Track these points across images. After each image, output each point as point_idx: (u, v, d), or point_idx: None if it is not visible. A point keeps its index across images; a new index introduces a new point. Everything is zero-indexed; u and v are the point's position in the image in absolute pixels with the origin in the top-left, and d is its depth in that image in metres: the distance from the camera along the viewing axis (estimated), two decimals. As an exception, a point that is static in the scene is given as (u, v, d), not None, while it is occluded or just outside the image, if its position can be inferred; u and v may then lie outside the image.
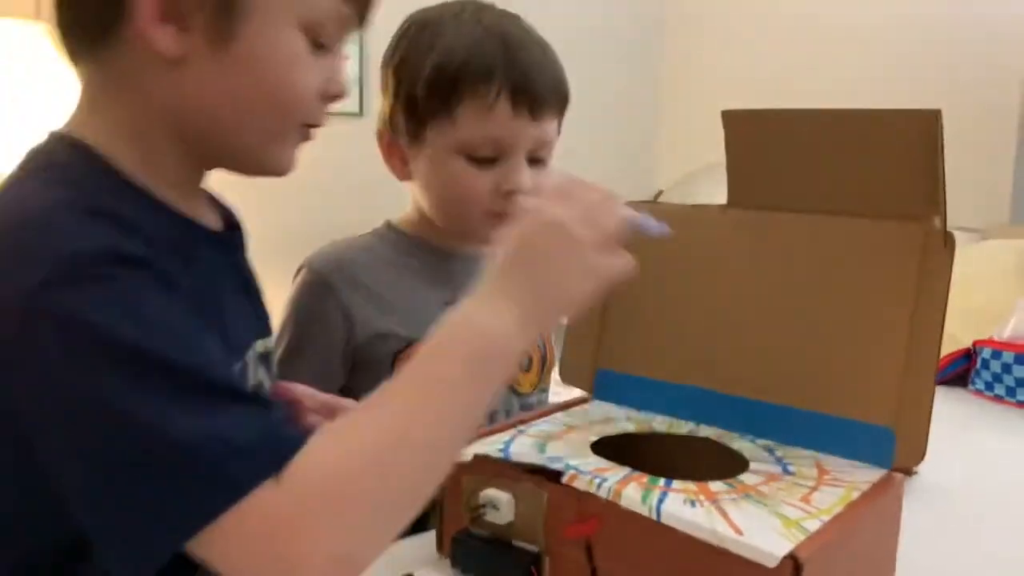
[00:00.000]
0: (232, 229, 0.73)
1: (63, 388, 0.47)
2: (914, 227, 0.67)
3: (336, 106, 0.68)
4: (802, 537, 0.51)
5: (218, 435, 0.47)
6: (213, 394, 0.49)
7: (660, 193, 3.10)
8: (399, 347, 0.91)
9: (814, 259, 0.72)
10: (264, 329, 0.72)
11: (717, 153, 0.77)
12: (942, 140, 0.63)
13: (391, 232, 1.00)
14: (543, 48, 0.92)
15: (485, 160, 0.89)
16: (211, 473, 0.46)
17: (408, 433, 0.51)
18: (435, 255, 0.98)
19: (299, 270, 0.95)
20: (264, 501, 0.46)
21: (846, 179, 0.70)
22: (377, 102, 0.97)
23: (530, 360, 1.00)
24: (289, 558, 0.46)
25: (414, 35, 0.92)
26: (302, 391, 0.76)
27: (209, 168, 0.67)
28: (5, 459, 0.53)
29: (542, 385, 1.03)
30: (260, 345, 0.69)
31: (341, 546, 0.47)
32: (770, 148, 0.74)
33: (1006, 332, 1.36)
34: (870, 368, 0.67)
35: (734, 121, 0.75)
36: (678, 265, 0.78)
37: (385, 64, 0.95)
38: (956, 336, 1.47)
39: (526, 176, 0.90)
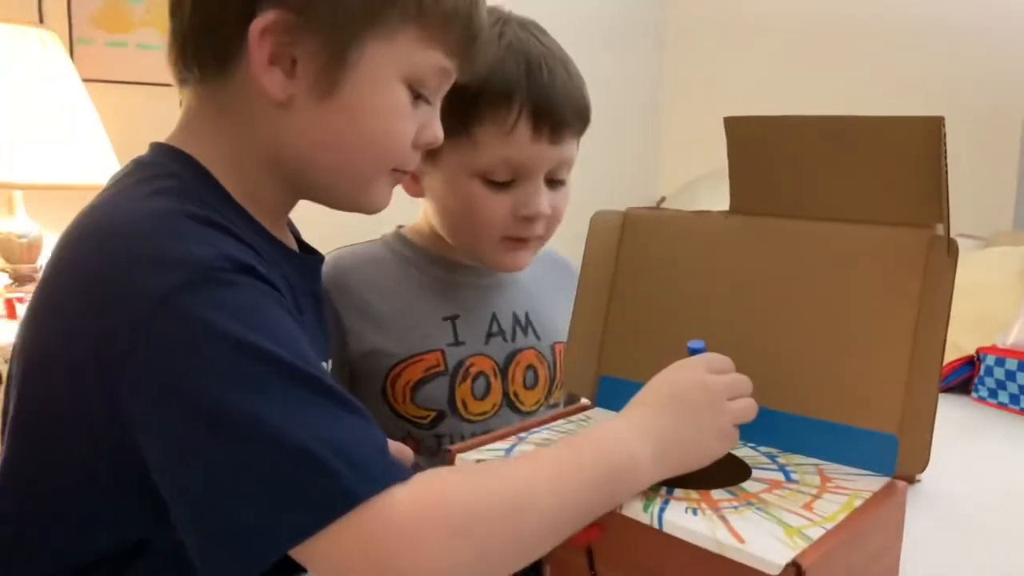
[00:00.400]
0: (308, 253, 0.76)
1: (189, 388, 0.48)
2: (917, 234, 0.67)
3: None
4: (804, 545, 0.51)
5: (338, 443, 0.48)
6: (331, 403, 0.50)
7: (662, 199, 3.10)
8: (392, 363, 0.90)
9: (817, 266, 0.71)
10: (326, 352, 0.73)
11: (719, 160, 0.77)
12: (945, 147, 0.63)
13: (399, 242, 0.97)
14: (566, 66, 0.88)
15: (502, 183, 0.86)
16: (329, 481, 0.47)
17: (536, 500, 0.52)
18: (442, 269, 0.95)
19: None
20: (379, 513, 0.47)
21: (849, 186, 0.70)
22: None
23: (536, 376, 0.97)
24: (391, 571, 0.46)
25: None
26: None
27: (300, 198, 0.70)
28: (102, 455, 0.53)
29: (548, 403, 1.01)
30: (325, 368, 0.70)
31: (442, 573, 0.47)
32: (773, 155, 0.74)
33: (1009, 339, 1.36)
34: (873, 375, 0.67)
35: (736, 128, 0.74)
36: (680, 272, 0.78)
37: None
38: (959, 343, 1.47)
39: (544, 201, 0.87)
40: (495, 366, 0.94)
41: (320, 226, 0.92)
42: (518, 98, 0.83)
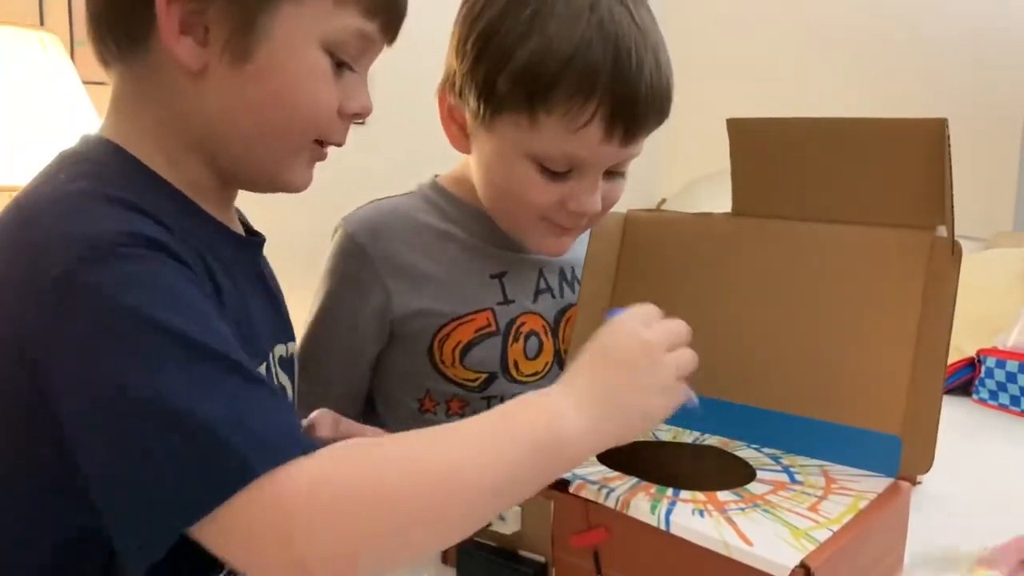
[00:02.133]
0: (253, 235, 0.74)
1: (90, 364, 0.48)
2: (920, 236, 0.67)
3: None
4: (811, 547, 0.51)
5: (238, 419, 0.47)
6: (236, 380, 0.49)
7: (663, 201, 3.10)
8: (440, 323, 0.85)
9: (820, 267, 0.71)
10: (285, 334, 0.72)
11: (720, 161, 0.77)
12: (949, 149, 0.63)
13: (436, 194, 0.90)
14: (656, 54, 0.78)
15: (557, 172, 0.79)
16: (226, 457, 0.46)
17: (462, 474, 0.50)
18: (484, 225, 0.88)
19: (336, 229, 0.89)
20: (278, 487, 0.46)
21: (852, 188, 0.70)
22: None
23: (540, 345, 0.91)
24: (294, 548, 0.45)
25: (510, 3, 0.76)
26: (319, 417, 0.74)
27: (228, 183, 0.68)
28: (42, 444, 0.53)
29: (551, 377, 0.95)
30: (281, 349, 0.69)
31: (350, 547, 0.47)
32: (775, 157, 0.74)
33: (1010, 341, 1.36)
34: (877, 376, 0.67)
35: (739, 129, 0.74)
36: (682, 274, 0.78)
37: (466, 20, 0.80)
38: (960, 345, 1.46)
39: (597, 199, 0.80)
40: (546, 325, 0.90)
41: (317, 231, 0.92)
42: (598, 96, 0.74)
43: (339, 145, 0.69)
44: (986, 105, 2.46)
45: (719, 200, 0.81)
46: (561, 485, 0.59)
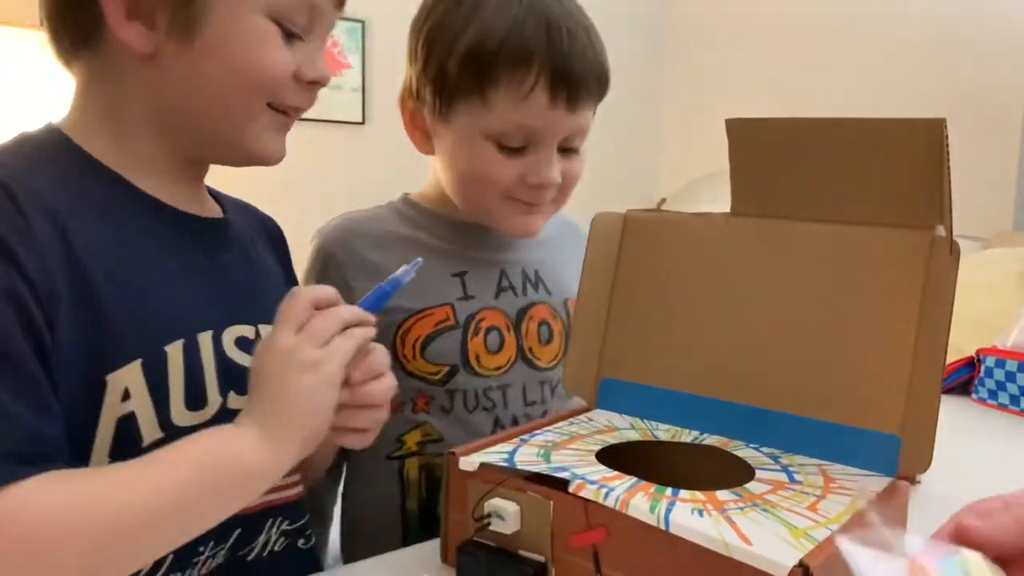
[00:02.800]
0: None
1: None
2: (919, 235, 0.67)
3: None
4: (810, 546, 0.51)
5: None
6: None
7: (663, 201, 3.10)
8: (400, 320, 0.89)
9: (819, 268, 0.72)
10: (249, 315, 0.72)
11: (719, 161, 0.77)
12: (947, 149, 0.63)
13: (406, 206, 0.96)
14: (588, 31, 0.85)
15: (514, 149, 0.84)
16: None
17: (132, 520, 0.52)
18: (449, 229, 0.94)
19: (311, 241, 0.94)
20: None
21: (851, 188, 0.70)
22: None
23: (550, 331, 0.95)
24: None
25: (449, 4, 0.85)
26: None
27: (196, 160, 0.70)
28: None
29: (516, 371, 0.97)
30: (237, 330, 0.69)
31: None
32: (774, 157, 0.74)
33: (1009, 340, 1.36)
34: (876, 376, 0.67)
35: (738, 129, 0.75)
36: (682, 273, 0.78)
37: (415, 29, 0.88)
38: (959, 345, 1.47)
39: (555, 170, 0.85)
40: (507, 320, 0.93)
41: (315, 230, 0.93)
42: (537, 63, 0.80)
43: (299, 109, 0.69)
44: (986, 105, 2.46)
45: (719, 200, 0.81)
46: (560, 485, 0.59)
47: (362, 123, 2.56)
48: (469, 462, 0.64)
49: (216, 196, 0.78)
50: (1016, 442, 1.18)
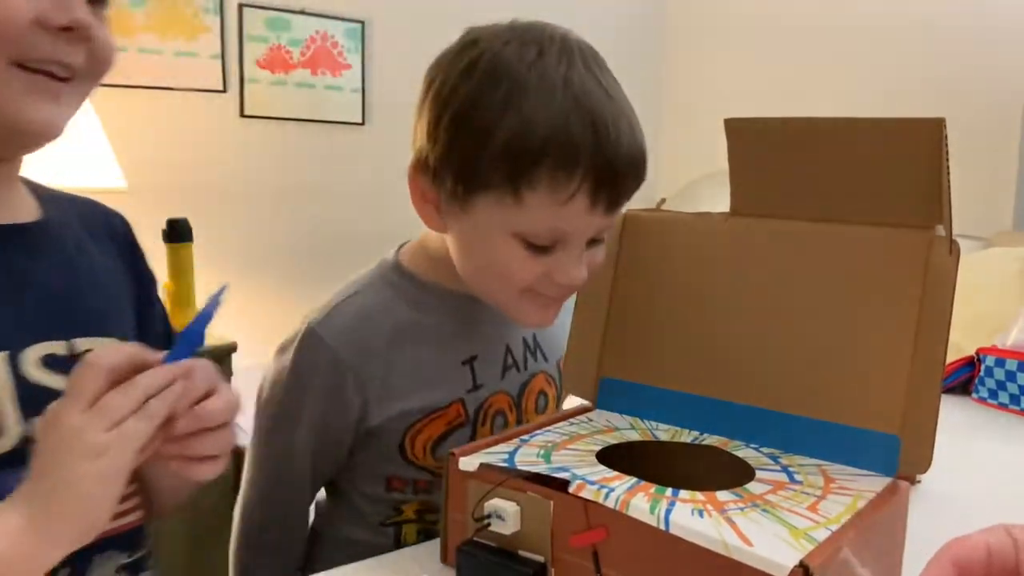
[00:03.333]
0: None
1: None
2: (919, 235, 0.67)
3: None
4: (810, 547, 0.51)
5: None
6: None
7: (663, 201, 3.10)
8: (410, 422, 0.84)
9: (818, 267, 0.72)
10: (55, 330, 0.66)
11: (719, 161, 0.77)
12: (947, 148, 0.63)
13: (403, 279, 0.87)
14: (630, 122, 0.77)
15: (542, 248, 0.77)
16: None
17: None
18: (450, 303, 0.86)
19: (307, 335, 0.83)
20: None
21: (850, 187, 0.70)
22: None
23: (546, 400, 0.93)
24: None
25: (483, 82, 0.75)
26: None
27: None
28: None
29: None
30: (45, 348, 0.64)
31: None
32: (773, 156, 0.74)
33: (1009, 340, 1.36)
34: (875, 376, 0.67)
35: (737, 129, 0.75)
36: (681, 273, 0.78)
37: (436, 98, 0.78)
38: (959, 344, 1.47)
39: (583, 271, 0.78)
40: (511, 400, 0.90)
41: (316, 232, 0.92)
42: (581, 168, 0.73)
43: (62, 64, 0.62)
44: (986, 104, 2.46)
45: (719, 200, 0.81)
46: (560, 486, 0.59)
47: (362, 123, 2.56)
48: (469, 462, 0.64)
49: (42, 195, 0.72)
50: (1016, 442, 1.18)
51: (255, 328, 1.86)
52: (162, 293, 1.76)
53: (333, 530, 0.92)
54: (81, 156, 1.73)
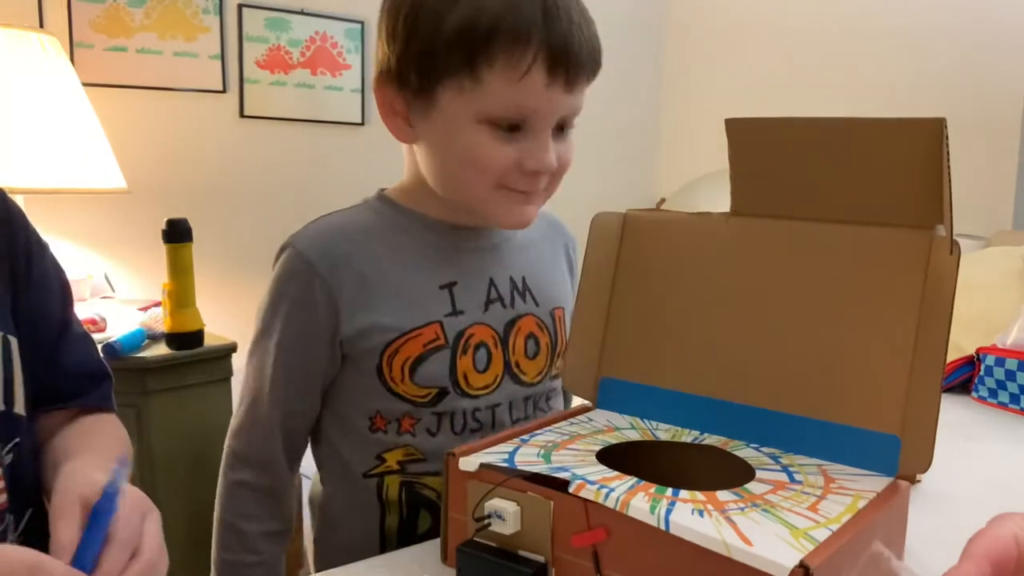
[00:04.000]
0: None
1: None
2: (919, 235, 0.67)
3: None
4: (811, 547, 0.51)
5: None
6: None
7: (662, 201, 3.10)
8: (389, 339, 0.84)
9: (818, 267, 0.72)
10: None
11: (719, 161, 0.77)
12: (947, 148, 0.63)
13: (384, 205, 0.90)
14: (582, 11, 0.82)
15: (509, 130, 0.80)
16: None
17: None
18: (436, 233, 0.89)
19: (282, 250, 0.87)
20: None
21: (850, 187, 0.70)
22: (379, 113, 0.90)
23: (537, 344, 0.92)
24: None
25: None
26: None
27: None
28: None
29: (552, 372, 0.94)
30: None
31: None
32: (773, 156, 0.74)
33: (1009, 339, 1.36)
34: (876, 376, 0.67)
35: (737, 129, 0.75)
36: (681, 273, 0.78)
37: (393, 6, 0.82)
38: (959, 343, 1.47)
39: (552, 156, 0.82)
40: (495, 335, 0.89)
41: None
42: (534, 40, 0.77)
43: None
44: (985, 104, 2.46)
45: (719, 200, 0.81)
46: (561, 486, 0.59)
47: (362, 124, 2.56)
48: (469, 462, 0.64)
49: None
50: (1016, 441, 1.18)
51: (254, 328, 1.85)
52: (162, 293, 1.76)
53: (319, 494, 0.93)
54: (81, 156, 1.74)
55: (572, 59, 0.79)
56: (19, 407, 0.72)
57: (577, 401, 0.86)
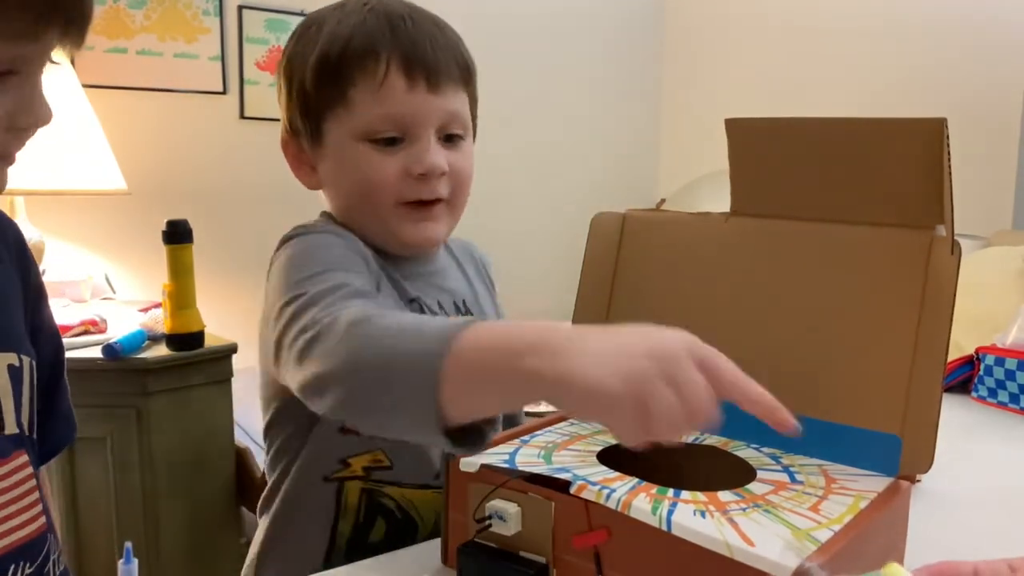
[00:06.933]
0: None
1: None
2: (920, 235, 0.67)
3: None
4: (813, 548, 0.51)
5: None
6: None
7: (663, 201, 3.10)
8: None
9: (819, 267, 0.72)
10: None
11: (719, 161, 0.77)
12: (948, 148, 0.63)
13: (341, 226, 0.87)
14: (436, 23, 0.85)
15: (389, 141, 0.82)
16: None
17: None
18: (380, 258, 0.86)
19: (287, 240, 0.83)
20: None
21: (851, 187, 0.70)
22: None
23: None
24: None
25: (300, 34, 0.86)
26: None
27: None
28: None
29: None
30: None
31: None
32: (773, 156, 0.74)
33: (1009, 339, 1.36)
34: (876, 376, 0.67)
35: (737, 129, 0.75)
36: (680, 273, 0.78)
37: (279, 69, 0.88)
38: (959, 343, 1.47)
39: (437, 156, 0.82)
40: None
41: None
42: (384, 49, 0.80)
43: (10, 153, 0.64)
44: (985, 104, 2.46)
45: (719, 200, 0.81)
46: (562, 487, 0.59)
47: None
48: (470, 463, 0.64)
49: None
50: (1016, 440, 1.18)
51: (255, 329, 1.85)
52: (162, 294, 1.76)
53: (276, 487, 0.88)
54: (81, 157, 1.74)
55: (427, 60, 0.81)
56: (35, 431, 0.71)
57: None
